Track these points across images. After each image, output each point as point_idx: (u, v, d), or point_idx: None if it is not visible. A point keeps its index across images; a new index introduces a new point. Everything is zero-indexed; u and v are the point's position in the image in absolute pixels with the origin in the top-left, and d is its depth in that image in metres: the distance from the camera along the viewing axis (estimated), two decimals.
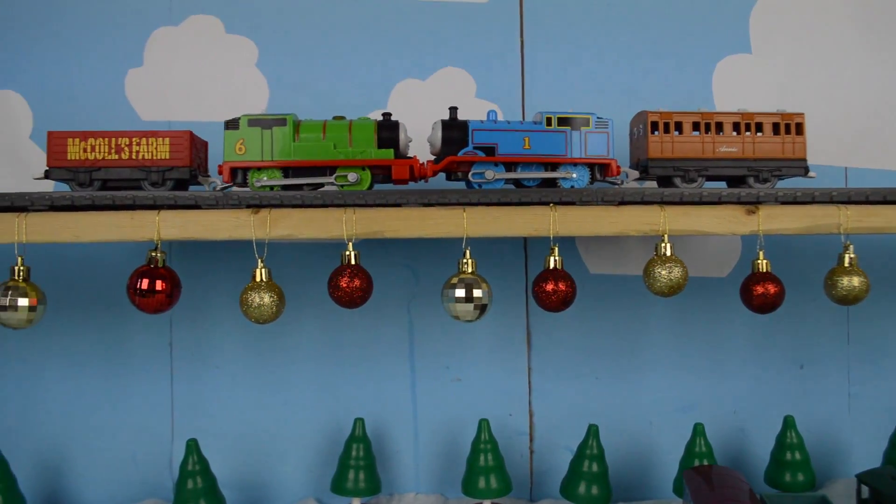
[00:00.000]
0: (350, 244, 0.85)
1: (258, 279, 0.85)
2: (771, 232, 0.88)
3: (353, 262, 0.86)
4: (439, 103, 1.01)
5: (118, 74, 1.13)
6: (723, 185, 1.00)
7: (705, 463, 1.04)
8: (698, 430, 1.06)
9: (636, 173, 0.99)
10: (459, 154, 0.92)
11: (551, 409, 1.17)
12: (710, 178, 0.97)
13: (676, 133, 0.95)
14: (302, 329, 1.14)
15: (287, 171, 0.91)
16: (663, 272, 0.87)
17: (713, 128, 0.96)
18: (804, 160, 0.96)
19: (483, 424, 1.06)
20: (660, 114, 0.95)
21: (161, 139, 0.92)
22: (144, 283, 0.84)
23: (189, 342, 1.14)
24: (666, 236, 0.88)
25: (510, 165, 0.93)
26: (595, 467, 1.04)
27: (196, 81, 1.14)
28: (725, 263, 1.18)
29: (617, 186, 0.93)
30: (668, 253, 0.88)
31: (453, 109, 0.94)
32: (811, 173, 0.96)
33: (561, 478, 1.07)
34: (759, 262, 0.91)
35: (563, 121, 0.93)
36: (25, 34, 1.12)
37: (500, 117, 1.10)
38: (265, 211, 0.85)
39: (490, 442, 1.06)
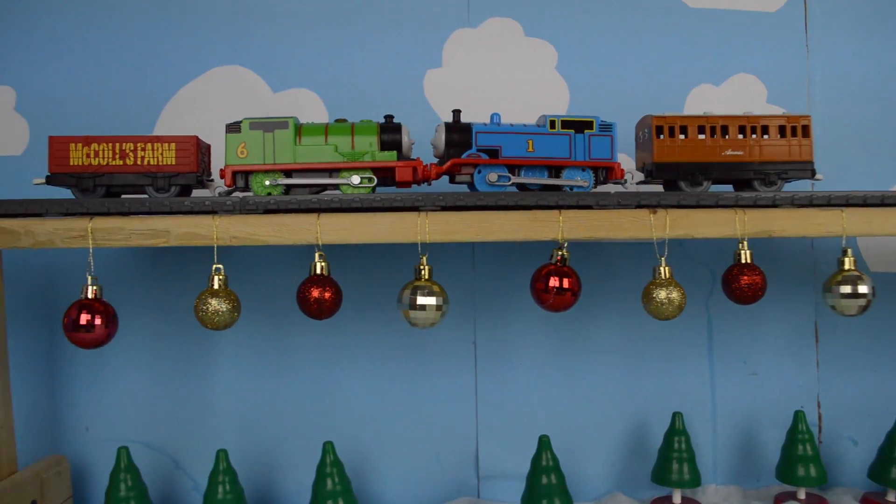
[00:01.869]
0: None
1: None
2: None
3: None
4: (733, 108, 1.03)
5: (417, 74, 1.15)
6: (728, 188, 1.00)
7: None
8: None
9: (641, 176, 0.99)
10: (463, 156, 0.92)
11: (836, 402, 1.19)
12: (715, 182, 0.96)
13: (682, 136, 0.94)
14: (603, 325, 1.16)
15: (289, 174, 0.90)
16: None
17: (718, 131, 0.95)
18: (811, 162, 0.95)
19: (800, 416, 1.08)
20: (665, 118, 0.94)
21: (167, 144, 0.91)
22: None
23: (492, 341, 1.15)
24: None
25: (513, 168, 0.93)
26: None
27: (494, 83, 1.15)
28: None
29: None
30: None
31: (456, 112, 0.94)
32: (818, 175, 0.95)
33: (846, 468, 1.16)
34: None
35: (566, 124, 0.93)
36: (325, 34, 1.15)
37: None
38: (663, 211, 0.88)
39: (807, 433, 1.07)
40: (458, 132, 0.93)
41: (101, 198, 0.92)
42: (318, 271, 0.88)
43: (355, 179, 0.90)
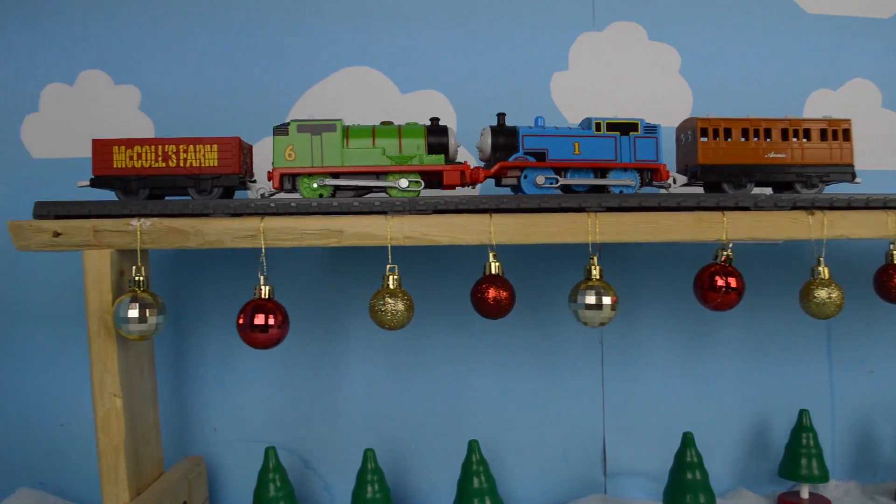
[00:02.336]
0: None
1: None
2: None
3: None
4: (851, 114, 1.03)
5: (544, 77, 1.16)
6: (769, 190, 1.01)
7: None
8: None
9: (684, 179, 0.99)
10: (510, 159, 0.92)
11: None
12: (758, 184, 0.97)
13: (726, 139, 0.95)
14: (726, 325, 1.17)
15: (337, 177, 0.90)
16: None
17: (762, 134, 0.95)
18: (851, 166, 0.96)
19: None
20: (709, 120, 0.95)
21: (209, 146, 0.90)
22: None
23: (619, 339, 1.16)
24: None
25: (559, 171, 0.93)
26: None
27: (619, 86, 1.16)
28: None
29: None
30: None
31: (501, 115, 0.94)
32: (857, 179, 0.96)
33: None
34: None
35: (612, 126, 0.93)
36: (452, 36, 1.16)
37: None
38: (820, 213, 0.90)
39: None
40: (505, 135, 0.93)
41: (266, 198, 0.92)
42: (494, 271, 0.89)
43: (403, 183, 0.90)
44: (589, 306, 0.87)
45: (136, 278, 0.87)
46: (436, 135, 0.91)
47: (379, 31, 1.15)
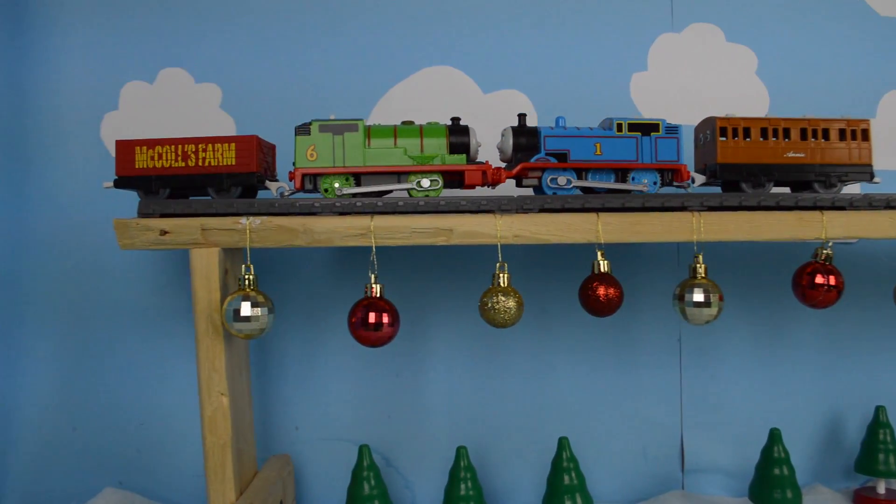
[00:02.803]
0: None
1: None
2: None
3: None
4: None
5: (624, 77, 1.17)
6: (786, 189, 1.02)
7: None
8: None
9: (703, 178, 0.99)
10: (532, 160, 0.92)
11: None
12: (777, 184, 0.97)
13: (746, 138, 0.95)
14: (803, 321, 1.18)
15: (358, 177, 0.90)
16: None
17: (780, 133, 0.96)
18: (870, 166, 0.96)
19: None
20: (728, 119, 0.95)
21: (227, 144, 0.89)
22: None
23: (697, 337, 1.17)
24: None
25: (580, 171, 0.93)
26: None
27: (697, 87, 1.17)
28: None
29: None
30: None
31: (522, 116, 0.94)
32: (876, 178, 0.97)
33: None
34: None
35: (633, 126, 0.93)
36: (533, 36, 1.16)
37: None
38: None
39: None
40: (526, 136, 0.93)
41: (371, 197, 0.91)
42: (604, 269, 0.90)
43: (425, 182, 0.90)
44: (697, 304, 0.88)
45: (247, 277, 0.87)
46: (457, 134, 0.91)
47: (461, 31, 1.15)
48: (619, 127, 0.93)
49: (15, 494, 1.12)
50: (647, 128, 0.94)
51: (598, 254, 0.91)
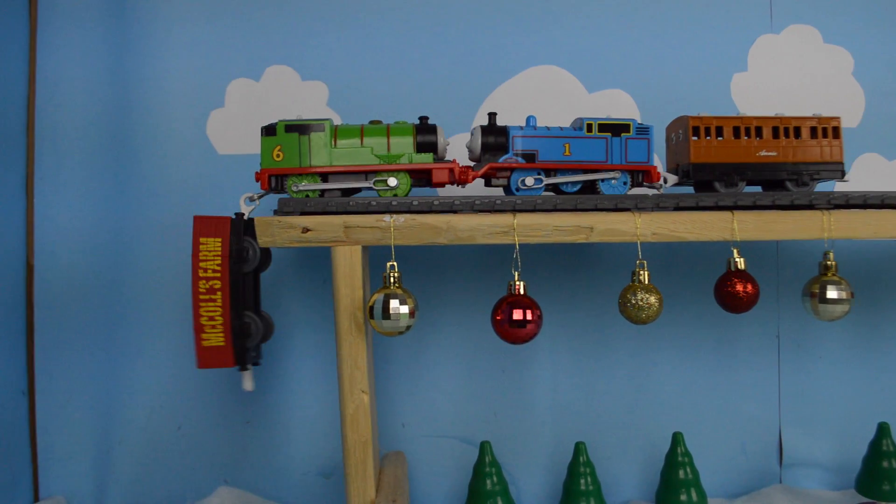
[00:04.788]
0: None
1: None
2: None
3: None
4: None
5: (725, 77, 1.19)
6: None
7: None
8: None
9: (675, 178, 0.99)
10: (500, 160, 0.91)
11: None
12: (750, 183, 0.98)
13: (718, 137, 0.96)
14: None
15: (325, 176, 0.89)
16: None
17: (753, 132, 0.97)
18: (841, 163, 0.98)
19: None
20: (702, 118, 0.96)
21: None
22: None
23: (795, 333, 1.19)
24: None
25: (549, 172, 0.92)
26: None
27: (794, 87, 1.19)
28: None
29: None
30: None
31: (492, 115, 0.94)
32: (846, 177, 0.98)
33: None
34: None
35: (603, 127, 0.93)
36: (636, 36, 1.18)
37: None
38: None
39: None
40: (495, 135, 0.92)
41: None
42: (740, 266, 0.91)
43: (392, 181, 0.90)
44: (830, 300, 0.90)
45: (392, 275, 0.87)
46: (425, 133, 0.90)
47: (566, 30, 1.16)
48: (590, 127, 0.93)
49: (119, 494, 1.12)
50: (617, 128, 0.93)
51: (734, 251, 0.92)
